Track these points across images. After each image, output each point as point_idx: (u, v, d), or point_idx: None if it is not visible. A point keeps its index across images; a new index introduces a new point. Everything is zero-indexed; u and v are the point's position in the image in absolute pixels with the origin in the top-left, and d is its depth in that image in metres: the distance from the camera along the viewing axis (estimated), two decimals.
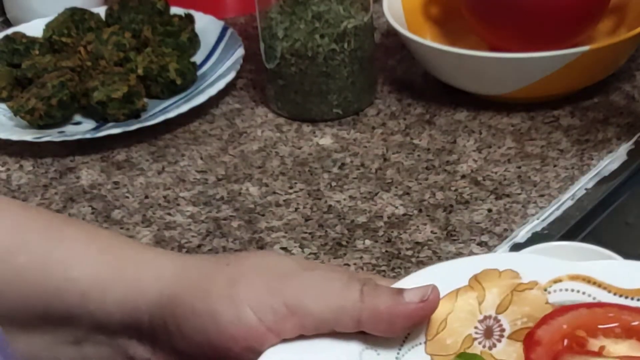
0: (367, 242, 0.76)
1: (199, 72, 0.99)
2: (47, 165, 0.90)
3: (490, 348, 0.54)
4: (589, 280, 0.55)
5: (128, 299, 0.56)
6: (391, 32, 1.03)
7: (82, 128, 0.93)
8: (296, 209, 0.81)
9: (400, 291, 0.53)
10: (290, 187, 0.84)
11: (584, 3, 0.90)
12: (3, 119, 0.95)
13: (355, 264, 0.74)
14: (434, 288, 0.53)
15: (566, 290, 0.55)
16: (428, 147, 0.87)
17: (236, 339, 0.53)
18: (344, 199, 0.81)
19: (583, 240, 0.75)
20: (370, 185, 0.83)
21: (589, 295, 0.54)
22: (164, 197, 0.84)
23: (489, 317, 0.55)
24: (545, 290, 0.55)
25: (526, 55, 0.84)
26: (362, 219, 0.79)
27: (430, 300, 0.53)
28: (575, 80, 0.88)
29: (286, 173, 0.85)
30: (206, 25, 1.04)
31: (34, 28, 1.05)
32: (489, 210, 0.78)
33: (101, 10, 1.06)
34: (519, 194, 0.80)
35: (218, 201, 0.83)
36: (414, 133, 0.89)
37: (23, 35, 1.02)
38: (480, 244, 0.75)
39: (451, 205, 0.79)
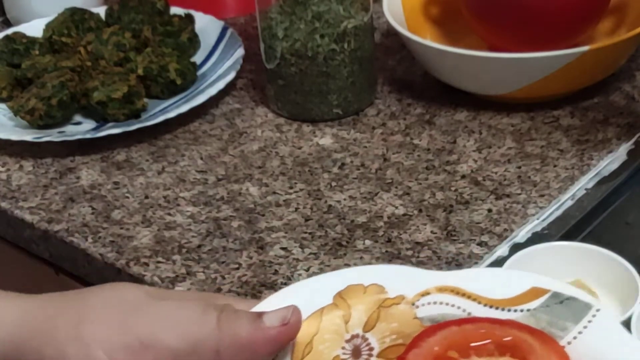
0: (367, 242, 0.76)
1: (199, 72, 0.99)
2: (47, 165, 0.90)
3: None
4: (457, 292, 0.53)
5: None
6: (391, 32, 1.03)
7: (82, 128, 0.93)
8: (296, 209, 0.81)
9: (260, 315, 0.50)
10: (290, 187, 0.84)
11: (584, 3, 0.90)
12: (3, 119, 0.95)
13: (355, 264, 0.74)
14: (295, 309, 0.51)
15: (435, 303, 0.53)
16: (428, 147, 0.87)
17: None
18: (344, 199, 0.81)
19: (583, 240, 0.75)
20: (370, 185, 0.83)
21: (459, 308, 0.53)
22: (164, 197, 0.84)
23: (357, 335, 0.53)
24: (413, 304, 0.53)
25: (526, 55, 0.84)
26: (362, 219, 0.79)
27: (291, 322, 0.50)
28: (575, 80, 0.88)
29: (286, 173, 0.85)
30: (206, 25, 1.04)
31: (34, 28, 1.05)
32: (489, 210, 0.78)
33: (101, 10, 1.06)
34: (519, 194, 0.80)
35: (218, 201, 0.83)
36: (414, 133, 0.89)
37: (23, 35, 1.02)
38: (480, 244, 0.75)
39: (451, 205, 0.79)
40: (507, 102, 0.90)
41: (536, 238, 0.75)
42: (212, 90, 0.93)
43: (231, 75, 0.95)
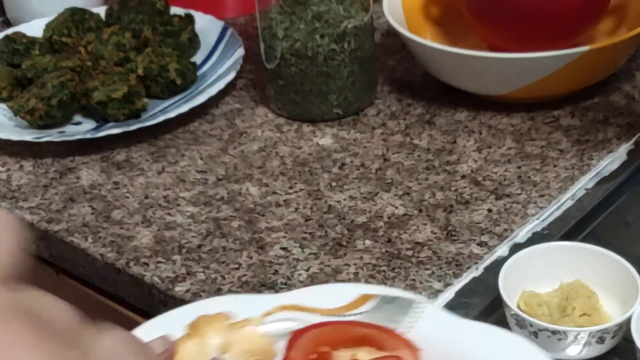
0: (367, 242, 0.76)
1: (199, 72, 0.99)
2: (47, 165, 0.90)
3: None
4: (297, 308, 0.58)
5: None
6: (391, 32, 1.03)
7: (82, 128, 0.93)
8: (296, 209, 0.81)
9: (147, 345, 0.49)
10: (290, 187, 0.84)
11: (584, 3, 0.90)
12: (3, 119, 0.95)
13: (355, 264, 0.74)
14: (169, 336, 0.52)
15: (280, 320, 0.58)
16: (428, 147, 0.87)
17: None
18: (344, 199, 0.81)
19: (583, 240, 0.75)
20: (370, 185, 0.83)
21: (300, 321, 0.58)
22: (164, 197, 0.84)
23: (216, 359, 0.56)
24: (258, 325, 0.58)
25: (526, 55, 0.84)
26: (362, 219, 0.79)
27: (171, 347, 0.52)
28: (575, 80, 0.88)
29: (286, 173, 0.85)
30: (206, 25, 1.04)
31: (34, 28, 1.05)
32: (489, 210, 0.78)
33: (101, 10, 1.06)
34: (519, 194, 0.80)
35: (218, 201, 0.83)
36: (414, 133, 0.89)
37: (23, 35, 1.02)
38: (480, 244, 0.75)
39: (451, 205, 0.79)
40: (507, 102, 0.90)
41: (536, 238, 0.75)
42: (212, 90, 0.93)
43: (231, 75, 0.95)
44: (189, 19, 1.03)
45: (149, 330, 0.54)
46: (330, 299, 0.59)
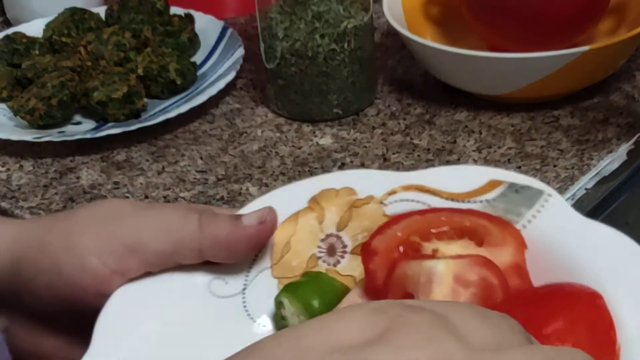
0: None
1: (199, 72, 0.99)
2: (47, 165, 0.90)
3: (334, 265, 0.56)
4: (421, 189, 0.57)
5: None
6: (391, 32, 1.03)
7: (82, 128, 0.93)
8: None
9: (238, 217, 0.54)
10: None
11: (584, 3, 0.90)
12: (3, 119, 0.95)
13: None
14: (271, 209, 0.54)
15: (401, 200, 0.57)
16: (428, 147, 0.87)
17: (84, 288, 0.53)
18: None
19: None
20: None
21: (424, 203, 0.56)
22: (164, 197, 0.84)
23: (331, 235, 0.56)
24: (382, 202, 0.57)
25: (526, 55, 0.84)
26: None
27: (268, 221, 0.54)
28: (575, 80, 0.88)
29: (286, 173, 0.85)
30: (206, 25, 1.04)
31: (34, 28, 1.05)
32: None
33: (101, 10, 1.06)
34: None
35: (218, 201, 0.83)
36: (414, 133, 0.89)
37: (23, 35, 1.02)
38: None
39: None
40: (507, 102, 0.90)
41: None
42: (212, 90, 0.93)
43: (231, 75, 0.95)
44: (189, 19, 1.04)
45: (269, 201, 0.56)
46: (457, 182, 0.57)
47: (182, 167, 0.88)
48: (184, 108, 0.91)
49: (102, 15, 1.06)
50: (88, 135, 0.90)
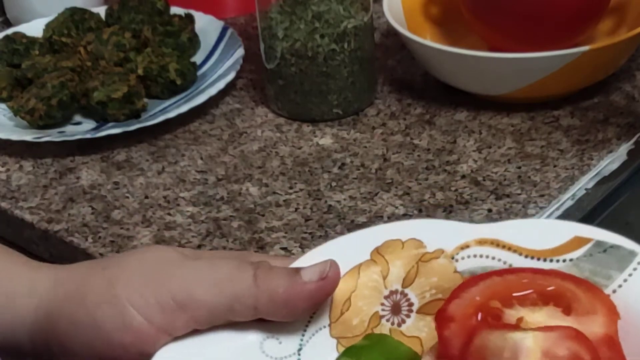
0: None
1: (199, 72, 0.99)
2: (47, 165, 0.90)
3: (399, 325, 0.52)
4: (497, 244, 0.52)
5: None
6: (391, 32, 1.03)
7: (82, 128, 0.93)
8: (296, 209, 0.81)
9: (297, 270, 0.49)
10: (290, 187, 0.84)
11: (584, 3, 0.90)
12: (3, 119, 0.95)
13: None
14: (333, 263, 0.50)
15: (474, 256, 0.52)
16: (428, 147, 0.87)
17: (125, 346, 0.49)
18: (344, 199, 0.81)
19: None
20: (370, 185, 0.83)
21: (499, 260, 0.52)
22: (164, 197, 0.84)
23: (395, 291, 0.52)
24: (453, 258, 0.52)
25: (526, 55, 0.84)
26: (362, 219, 0.79)
27: (330, 277, 0.49)
28: (575, 80, 0.88)
29: (286, 173, 0.85)
30: (206, 25, 1.04)
31: (34, 28, 1.05)
32: (489, 210, 0.78)
33: (101, 10, 1.06)
34: (519, 194, 0.80)
35: (218, 201, 0.83)
36: (414, 133, 0.89)
37: (23, 35, 1.02)
38: None
39: (451, 205, 0.79)
40: (507, 102, 0.90)
41: None
42: (212, 90, 0.93)
43: (231, 75, 0.95)
44: (189, 19, 1.03)
45: (328, 252, 0.52)
46: (537, 237, 0.52)
47: (182, 167, 0.88)
48: (184, 108, 0.91)
49: (102, 15, 1.06)
50: (88, 135, 0.90)
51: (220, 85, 0.94)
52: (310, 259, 0.51)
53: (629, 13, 0.95)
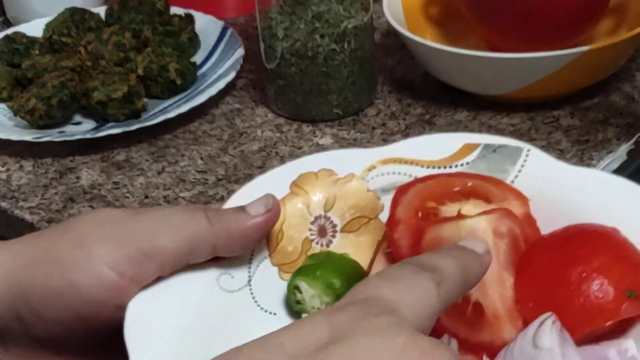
0: None
1: (199, 72, 0.99)
2: (47, 165, 0.90)
3: (327, 245, 0.58)
4: (400, 161, 0.58)
5: None
6: (391, 32, 1.03)
7: (82, 128, 0.93)
8: None
9: (243, 208, 0.54)
10: None
11: (584, 3, 0.90)
12: (3, 119, 0.95)
13: None
14: (272, 196, 0.54)
15: (382, 174, 0.58)
16: None
17: (103, 302, 0.50)
18: None
19: None
20: None
21: (405, 174, 0.58)
22: (164, 197, 0.84)
23: (319, 216, 0.58)
24: (364, 179, 0.58)
25: (526, 55, 0.84)
26: None
27: (274, 207, 0.54)
28: (575, 80, 0.88)
29: None
30: (206, 25, 1.04)
31: (34, 28, 1.05)
32: None
33: (101, 10, 1.06)
34: None
35: (218, 201, 0.83)
36: (414, 133, 0.89)
37: (23, 35, 1.02)
38: None
39: None
40: (507, 102, 0.90)
41: None
42: (212, 90, 0.93)
43: (231, 75, 0.95)
44: (189, 19, 1.04)
45: (251, 191, 0.56)
46: (432, 150, 0.58)
47: (182, 167, 0.88)
48: (184, 108, 0.91)
49: (102, 15, 1.06)
50: (88, 135, 0.90)
51: (220, 85, 0.94)
52: (236, 201, 0.56)
53: (629, 13, 0.95)
